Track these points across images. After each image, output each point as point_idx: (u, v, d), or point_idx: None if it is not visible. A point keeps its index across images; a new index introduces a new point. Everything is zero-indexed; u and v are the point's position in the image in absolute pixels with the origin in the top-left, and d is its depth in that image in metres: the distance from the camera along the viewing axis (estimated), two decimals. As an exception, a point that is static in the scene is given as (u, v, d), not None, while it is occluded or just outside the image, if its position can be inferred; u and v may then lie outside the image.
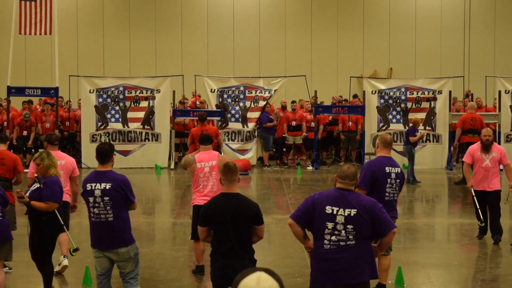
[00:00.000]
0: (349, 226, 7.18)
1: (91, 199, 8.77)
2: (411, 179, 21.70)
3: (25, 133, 25.40)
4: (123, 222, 8.84)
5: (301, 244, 7.61)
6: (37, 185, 9.91)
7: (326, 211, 7.21)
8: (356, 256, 7.24)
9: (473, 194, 13.69)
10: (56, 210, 9.98)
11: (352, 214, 7.19)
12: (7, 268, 11.81)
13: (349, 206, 7.21)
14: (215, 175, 10.94)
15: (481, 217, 13.56)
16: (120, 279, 9.08)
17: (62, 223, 10.19)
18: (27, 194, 9.88)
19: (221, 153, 22.73)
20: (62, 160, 11.77)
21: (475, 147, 13.93)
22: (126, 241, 8.84)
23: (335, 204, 7.22)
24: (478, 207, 13.64)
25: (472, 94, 28.87)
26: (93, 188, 8.75)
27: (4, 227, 9.70)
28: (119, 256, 8.81)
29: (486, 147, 13.63)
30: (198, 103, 27.88)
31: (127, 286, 8.93)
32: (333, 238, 7.20)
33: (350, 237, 7.20)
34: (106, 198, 8.70)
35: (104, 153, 8.90)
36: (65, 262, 11.90)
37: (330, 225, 7.19)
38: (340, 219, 7.19)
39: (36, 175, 9.97)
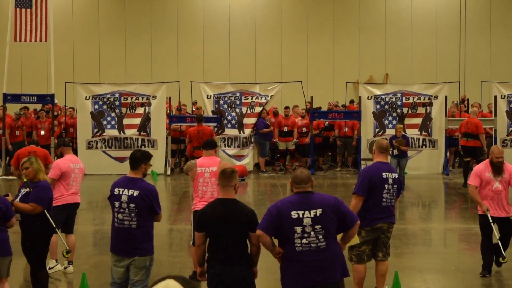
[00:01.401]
0: (317, 226, 7.32)
1: (116, 204, 8.74)
2: None
3: (17, 133, 25.39)
4: (145, 231, 8.81)
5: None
6: (27, 190, 9.86)
7: (292, 216, 7.32)
8: (329, 257, 7.38)
9: (491, 221, 11.71)
10: (47, 214, 9.94)
11: (318, 214, 7.33)
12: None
13: (314, 207, 7.36)
14: (214, 181, 10.91)
15: (503, 252, 11.62)
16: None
17: (54, 226, 10.17)
18: (18, 199, 9.85)
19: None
20: (80, 163, 12.41)
21: (481, 168, 11.98)
22: (145, 251, 8.80)
23: (300, 208, 7.35)
24: (498, 237, 11.86)
25: (468, 99, 28.90)
26: (120, 193, 8.73)
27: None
28: (135, 263, 8.76)
29: (498, 170, 11.81)
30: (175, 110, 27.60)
31: None
32: (304, 241, 7.33)
33: (320, 237, 7.33)
34: (132, 205, 8.66)
35: (134, 159, 8.89)
36: (70, 268, 11.96)
37: (298, 229, 7.32)
38: (307, 221, 7.32)
39: (26, 179, 9.93)
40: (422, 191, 22.64)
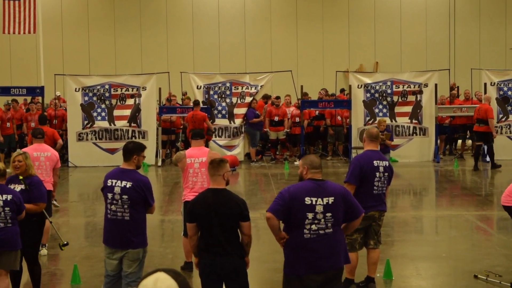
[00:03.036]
0: (328, 214, 7.37)
1: (109, 195, 8.70)
2: None
3: (8, 124, 25.28)
4: (138, 223, 8.77)
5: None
6: (21, 187, 9.71)
7: (306, 202, 7.35)
8: (334, 243, 7.44)
9: None
10: (43, 209, 9.91)
11: (330, 202, 7.38)
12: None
13: (326, 194, 7.40)
14: (204, 171, 10.87)
15: None
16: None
17: (51, 221, 10.15)
18: None
19: (211, 136, 23.45)
20: (48, 152, 12.73)
21: None
22: (138, 243, 8.76)
23: (314, 195, 7.38)
24: None
25: (458, 87, 28.92)
26: (113, 184, 8.70)
27: (9, 234, 9.12)
28: (128, 256, 8.73)
29: None
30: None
31: None
32: (313, 227, 7.37)
33: (329, 224, 7.39)
34: (124, 197, 8.64)
35: (126, 151, 8.90)
36: (44, 251, 11.94)
37: (310, 215, 7.35)
38: (319, 208, 7.35)
39: (21, 177, 9.79)
40: (413, 179, 22.68)
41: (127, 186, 8.65)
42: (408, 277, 11.22)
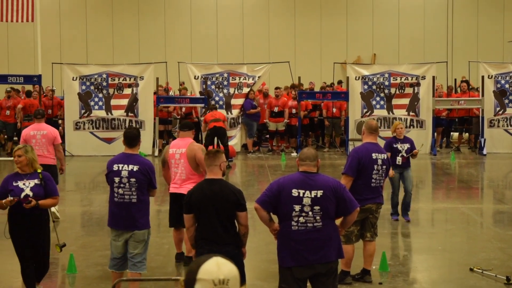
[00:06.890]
0: (316, 207, 7.32)
1: (116, 179, 8.92)
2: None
3: (8, 112, 25.24)
4: (144, 205, 9.04)
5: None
6: (35, 181, 9.22)
7: (293, 194, 7.33)
8: (323, 237, 7.38)
9: None
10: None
11: (318, 196, 7.32)
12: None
13: (315, 188, 7.34)
14: (183, 162, 10.75)
15: None
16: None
17: (53, 217, 10.24)
18: (26, 192, 9.16)
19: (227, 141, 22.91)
20: (44, 130, 14.02)
21: None
22: (143, 224, 9.03)
23: (301, 187, 7.34)
24: None
25: (455, 80, 28.92)
26: (120, 168, 8.93)
27: None
28: (134, 237, 8.96)
29: None
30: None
31: (133, 269, 8.96)
32: (301, 219, 7.34)
33: (318, 218, 7.34)
34: (132, 180, 8.89)
35: (133, 137, 9.08)
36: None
37: (297, 207, 7.32)
38: (307, 201, 7.31)
39: (39, 170, 9.32)
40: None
41: (134, 169, 8.90)
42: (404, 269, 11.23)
